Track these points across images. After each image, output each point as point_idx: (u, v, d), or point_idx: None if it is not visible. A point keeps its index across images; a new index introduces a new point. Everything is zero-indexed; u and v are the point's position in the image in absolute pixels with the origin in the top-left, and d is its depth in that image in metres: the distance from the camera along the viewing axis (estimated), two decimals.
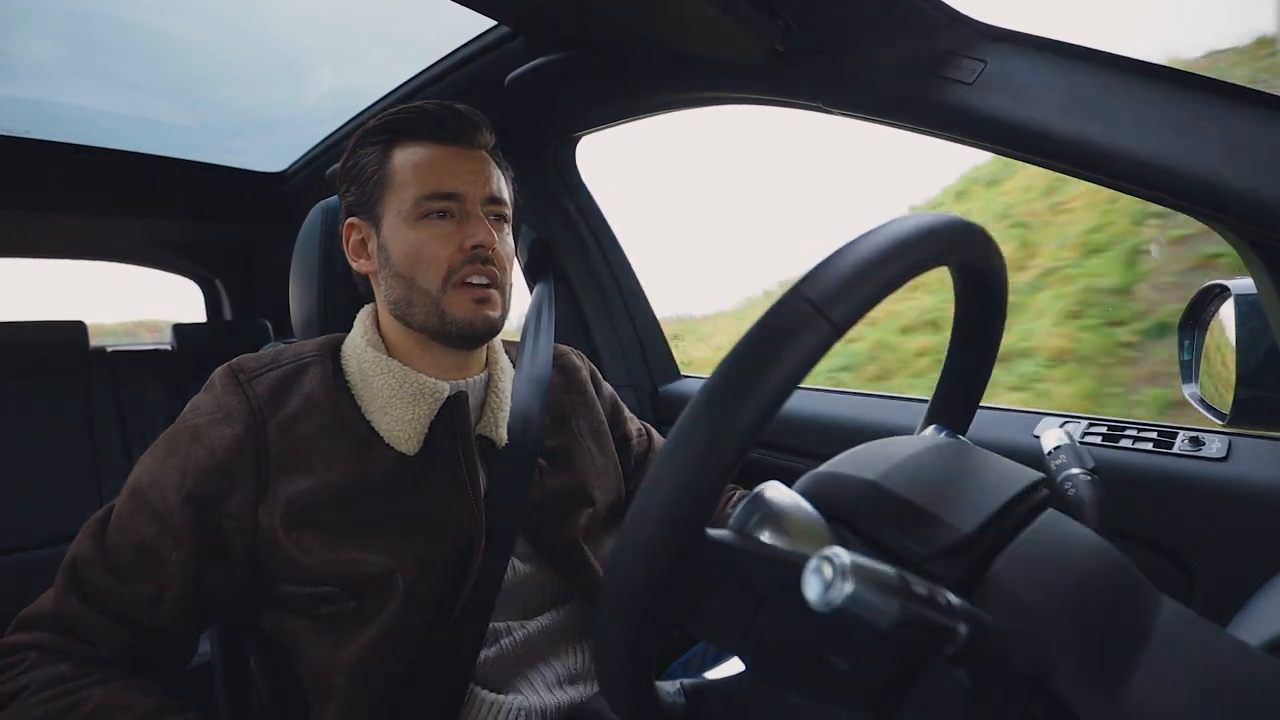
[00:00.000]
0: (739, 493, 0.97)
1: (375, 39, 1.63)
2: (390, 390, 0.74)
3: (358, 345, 0.78)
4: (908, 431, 0.57)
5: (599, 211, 1.52)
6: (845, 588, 0.28)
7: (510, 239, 0.82)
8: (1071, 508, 0.49)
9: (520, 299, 0.86)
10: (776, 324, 0.34)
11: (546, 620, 0.78)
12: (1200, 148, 0.61)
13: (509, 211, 0.82)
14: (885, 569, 0.29)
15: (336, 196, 0.86)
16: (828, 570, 0.28)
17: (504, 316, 0.79)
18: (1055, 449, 0.55)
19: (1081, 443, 0.87)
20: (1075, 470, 0.52)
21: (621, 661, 0.36)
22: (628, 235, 1.53)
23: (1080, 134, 0.66)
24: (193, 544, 0.66)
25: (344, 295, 0.90)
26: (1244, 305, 0.67)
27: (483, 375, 0.84)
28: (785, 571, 0.36)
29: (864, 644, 0.36)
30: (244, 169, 1.98)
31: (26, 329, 1.72)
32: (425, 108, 0.79)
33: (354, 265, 0.82)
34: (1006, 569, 0.37)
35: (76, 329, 1.78)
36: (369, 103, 1.54)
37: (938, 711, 0.35)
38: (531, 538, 0.79)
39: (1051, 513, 0.43)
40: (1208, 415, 0.74)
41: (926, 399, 0.59)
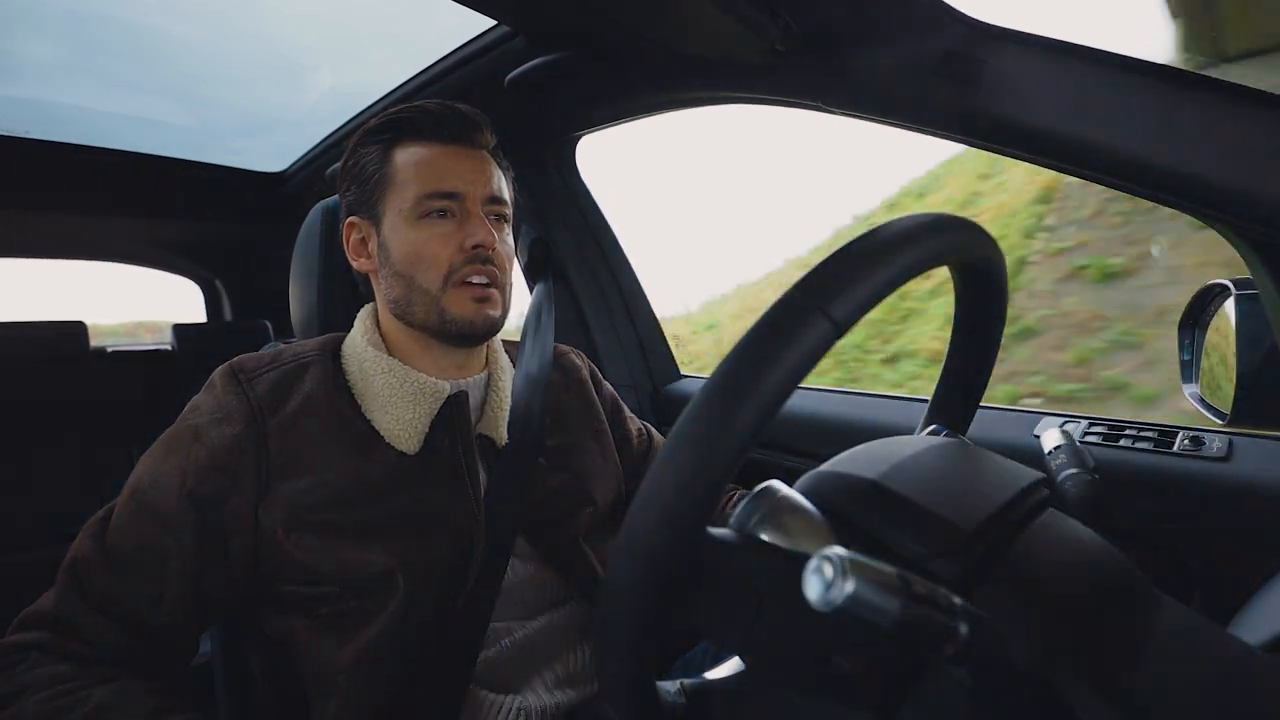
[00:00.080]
0: (739, 493, 0.97)
1: (375, 39, 1.63)
2: (390, 389, 0.74)
3: (358, 344, 0.78)
4: (908, 431, 0.57)
5: (599, 211, 1.52)
6: (846, 587, 0.28)
7: (510, 239, 0.82)
8: (1072, 507, 0.49)
9: (520, 299, 0.86)
10: (777, 322, 0.34)
11: (547, 620, 0.78)
12: (1200, 148, 0.61)
13: (509, 211, 0.82)
14: (886, 568, 0.29)
15: (336, 196, 0.86)
16: (828, 569, 0.28)
17: (504, 316, 0.80)
18: (1055, 449, 0.55)
19: (1081, 442, 0.88)
20: (1075, 470, 0.52)
21: (622, 661, 0.36)
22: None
23: (1080, 134, 0.66)
24: (193, 544, 0.66)
25: (344, 295, 0.90)
26: (1244, 304, 0.67)
27: (483, 374, 0.84)
28: (786, 571, 0.36)
29: (864, 643, 0.36)
30: (244, 169, 1.98)
31: (27, 329, 1.72)
32: (427, 107, 0.79)
33: (354, 264, 0.82)
34: (1007, 569, 0.37)
35: (77, 329, 1.79)
36: (369, 103, 1.55)
37: (938, 711, 0.35)
38: (531, 537, 0.78)
39: (1052, 512, 0.43)
40: (1208, 415, 0.74)
41: (927, 399, 0.59)
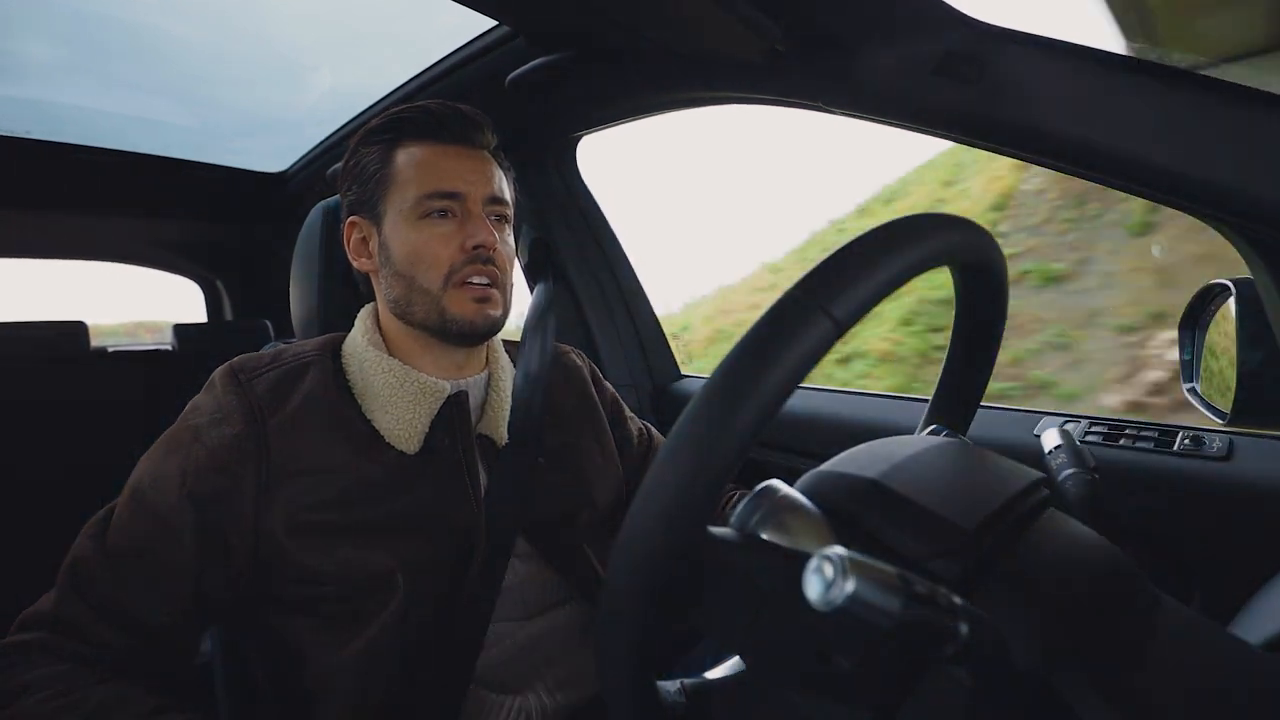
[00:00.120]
0: (739, 493, 0.97)
1: (375, 39, 1.63)
2: (391, 389, 0.74)
3: (358, 344, 0.78)
4: (908, 431, 0.57)
5: (599, 211, 1.52)
6: (846, 587, 0.28)
7: (511, 239, 0.82)
8: (1072, 507, 0.49)
9: (520, 298, 0.86)
10: (778, 321, 0.34)
11: (547, 620, 0.78)
12: (1200, 147, 0.61)
13: (510, 212, 0.82)
14: (886, 568, 0.29)
15: (337, 196, 0.86)
16: (829, 569, 0.28)
17: (505, 315, 0.80)
18: (1055, 448, 0.55)
19: (1082, 442, 0.88)
20: (1075, 470, 0.52)
21: (622, 661, 0.36)
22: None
23: (1080, 134, 0.66)
24: (193, 544, 0.66)
25: (344, 295, 0.90)
26: (1245, 304, 0.67)
27: (483, 374, 0.84)
28: (786, 570, 0.36)
29: (865, 643, 0.36)
30: (244, 169, 1.98)
31: (27, 329, 1.72)
32: (428, 107, 0.79)
33: (355, 264, 0.82)
34: (1007, 568, 0.37)
35: (77, 329, 1.79)
36: (369, 103, 1.55)
37: (938, 711, 0.35)
38: (532, 537, 0.78)
39: (1052, 512, 0.43)
40: (1208, 414, 0.74)
41: (927, 399, 0.59)
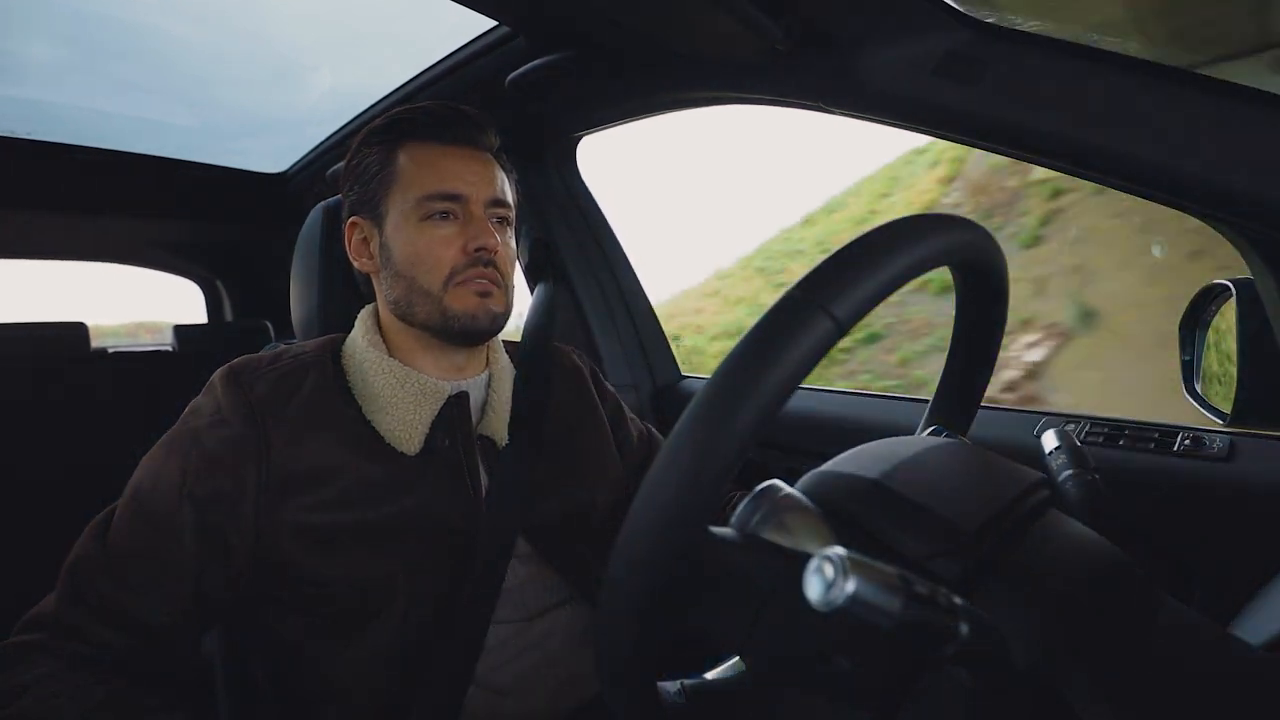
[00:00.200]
0: (738, 495, 0.97)
1: (375, 39, 1.63)
2: (391, 390, 0.74)
3: (358, 345, 0.78)
4: (908, 431, 0.57)
5: (599, 211, 1.52)
6: (847, 587, 0.28)
7: (513, 241, 0.82)
8: (1072, 508, 0.49)
9: (521, 299, 0.86)
10: (779, 321, 0.34)
11: (547, 622, 0.78)
12: (1200, 147, 0.61)
13: (512, 214, 0.82)
14: (886, 568, 0.29)
15: (338, 196, 0.86)
16: (829, 569, 0.28)
17: (506, 314, 0.79)
18: (1056, 449, 0.54)
19: (1082, 443, 0.88)
20: (1076, 470, 0.52)
21: (623, 662, 0.36)
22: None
23: (1081, 134, 0.66)
24: (194, 545, 0.66)
25: (344, 295, 0.90)
26: (1245, 304, 0.67)
27: (484, 375, 0.84)
28: (787, 570, 0.36)
29: (865, 643, 0.36)
30: (245, 170, 1.98)
31: (28, 330, 1.72)
32: (431, 108, 0.79)
33: (356, 264, 0.82)
34: (1008, 569, 0.37)
35: (77, 330, 1.78)
36: (369, 103, 1.55)
37: (939, 711, 0.35)
38: (532, 539, 0.78)
39: (1053, 513, 0.43)
40: (1208, 415, 0.74)
41: (927, 399, 0.59)
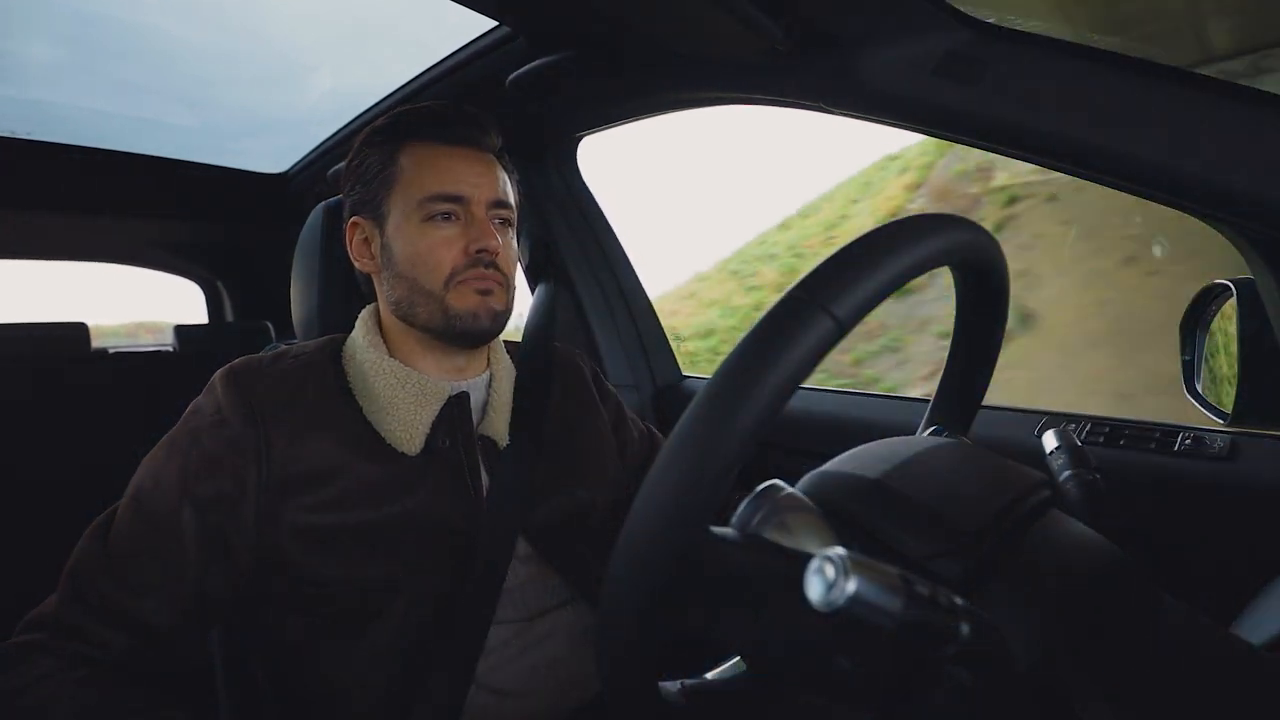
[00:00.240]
0: (739, 495, 0.97)
1: (376, 39, 1.63)
2: (391, 391, 0.74)
3: (359, 345, 0.78)
4: (909, 431, 0.57)
5: (600, 211, 1.52)
6: (847, 587, 0.28)
7: (514, 243, 0.82)
8: (1073, 508, 0.49)
9: (522, 299, 0.86)
10: (779, 320, 0.34)
11: (548, 622, 0.77)
12: (1200, 147, 0.61)
13: (514, 216, 0.82)
14: (887, 568, 0.29)
15: (338, 196, 0.86)
16: (830, 570, 0.28)
17: (507, 313, 0.79)
18: (1057, 449, 0.54)
19: (1083, 443, 0.88)
20: (1077, 470, 0.52)
21: (623, 662, 0.36)
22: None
23: (1081, 134, 0.66)
24: (195, 546, 0.66)
25: (345, 295, 0.90)
26: (1245, 304, 0.67)
27: (484, 375, 0.84)
28: (787, 571, 0.36)
29: (866, 643, 0.36)
30: (245, 170, 1.98)
31: (28, 330, 1.72)
32: (433, 107, 0.79)
33: (357, 264, 0.82)
34: (1009, 569, 0.37)
35: (78, 330, 1.78)
36: (370, 103, 1.55)
37: (939, 711, 0.35)
38: (533, 539, 0.78)
39: (1053, 513, 0.43)
40: (1209, 415, 0.74)
41: (928, 399, 0.59)
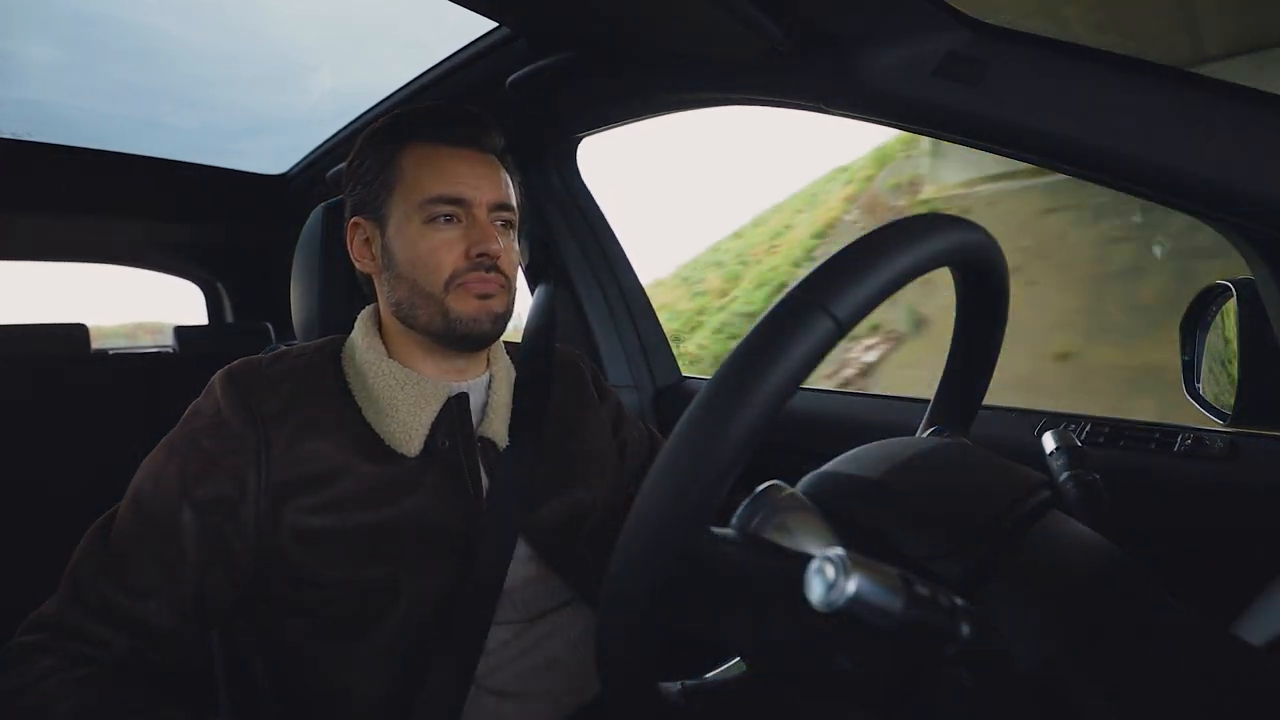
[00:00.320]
0: (739, 495, 0.96)
1: (376, 39, 1.63)
2: (391, 392, 0.74)
3: (359, 347, 0.78)
4: (909, 432, 0.57)
5: (600, 212, 1.52)
6: (847, 588, 0.28)
7: (516, 245, 0.82)
8: (1073, 509, 0.49)
9: (522, 300, 0.86)
10: (779, 321, 0.34)
11: (548, 623, 0.77)
12: (1200, 147, 0.61)
13: (516, 218, 0.81)
14: (888, 569, 0.29)
15: (338, 197, 0.86)
16: (830, 570, 0.28)
17: (507, 316, 0.79)
18: (1057, 450, 0.54)
19: (1083, 443, 0.88)
20: (1077, 471, 0.52)
21: (623, 662, 0.36)
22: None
23: (1081, 134, 0.66)
24: (194, 548, 0.66)
25: (345, 297, 0.90)
26: (1245, 304, 0.67)
27: (484, 376, 0.83)
28: (788, 571, 0.36)
29: (866, 644, 0.36)
30: (245, 171, 1.98)
31: (28, 331, 1.72)
32: (435, 108, 0.78)
33: (357, 265, 0.82)
34: (1009, 569, 0.37)
35: (78, 331, 1.78)
36: (370, 104, 1.55)
37: (940, 711, 0.35)
38: (533, 540, 0.78)
39: (1053, 513, 0.43)
40: (1210, 415, 0.74)
41: (928, 399, 0.59)
